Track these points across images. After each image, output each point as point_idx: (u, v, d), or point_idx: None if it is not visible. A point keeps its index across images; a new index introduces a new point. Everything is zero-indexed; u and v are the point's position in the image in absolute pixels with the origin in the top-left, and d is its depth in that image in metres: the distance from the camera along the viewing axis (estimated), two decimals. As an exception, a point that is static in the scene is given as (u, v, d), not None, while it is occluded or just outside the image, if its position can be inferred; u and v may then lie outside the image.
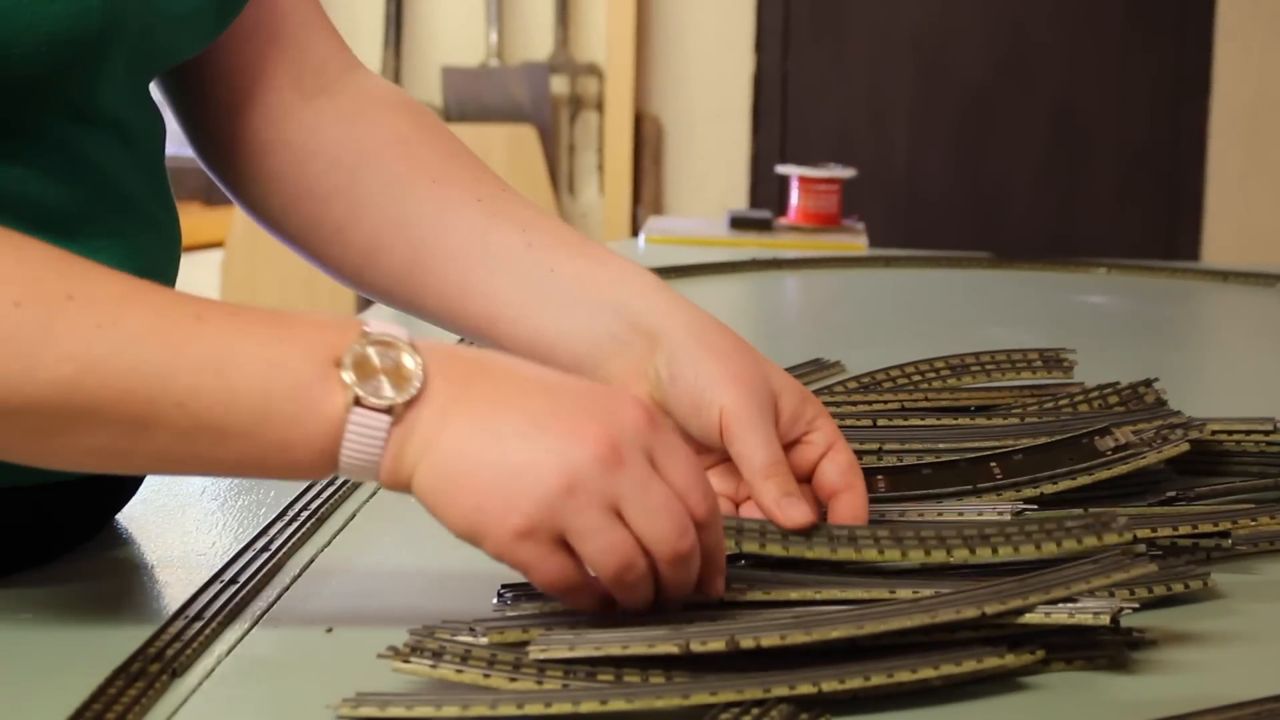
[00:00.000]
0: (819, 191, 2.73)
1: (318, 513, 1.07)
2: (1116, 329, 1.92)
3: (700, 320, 1.00)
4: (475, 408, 0.82)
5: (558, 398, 0.82)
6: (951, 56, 4.42)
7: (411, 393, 0.81)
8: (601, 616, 0.84)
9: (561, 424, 0.81)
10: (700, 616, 0.84)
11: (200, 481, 1.15)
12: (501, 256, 1.04)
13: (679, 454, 0.84)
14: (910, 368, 1.38)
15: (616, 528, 0.81)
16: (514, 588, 0.92)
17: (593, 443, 0.81)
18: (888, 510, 1.03)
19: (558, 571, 0.82)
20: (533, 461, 0.80)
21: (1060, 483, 1.07)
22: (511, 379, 0.83)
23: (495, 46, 4.53)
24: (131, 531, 1.05)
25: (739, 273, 2.23)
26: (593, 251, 1.04)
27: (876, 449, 1.16)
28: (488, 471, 0.80)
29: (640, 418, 0.83)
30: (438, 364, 0.82)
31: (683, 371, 0.98)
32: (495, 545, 0.81)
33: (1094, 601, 0.84)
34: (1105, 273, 2.27)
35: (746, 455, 0.96)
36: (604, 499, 0.81)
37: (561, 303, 1.02)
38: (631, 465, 0.81)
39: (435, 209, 1.05)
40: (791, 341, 1.83)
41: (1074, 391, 1.30)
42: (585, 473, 0.80)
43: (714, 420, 0.97)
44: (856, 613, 0.82)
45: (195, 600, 0.90)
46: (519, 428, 0.81)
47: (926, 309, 2.08)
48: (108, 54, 0.92)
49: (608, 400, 0.83)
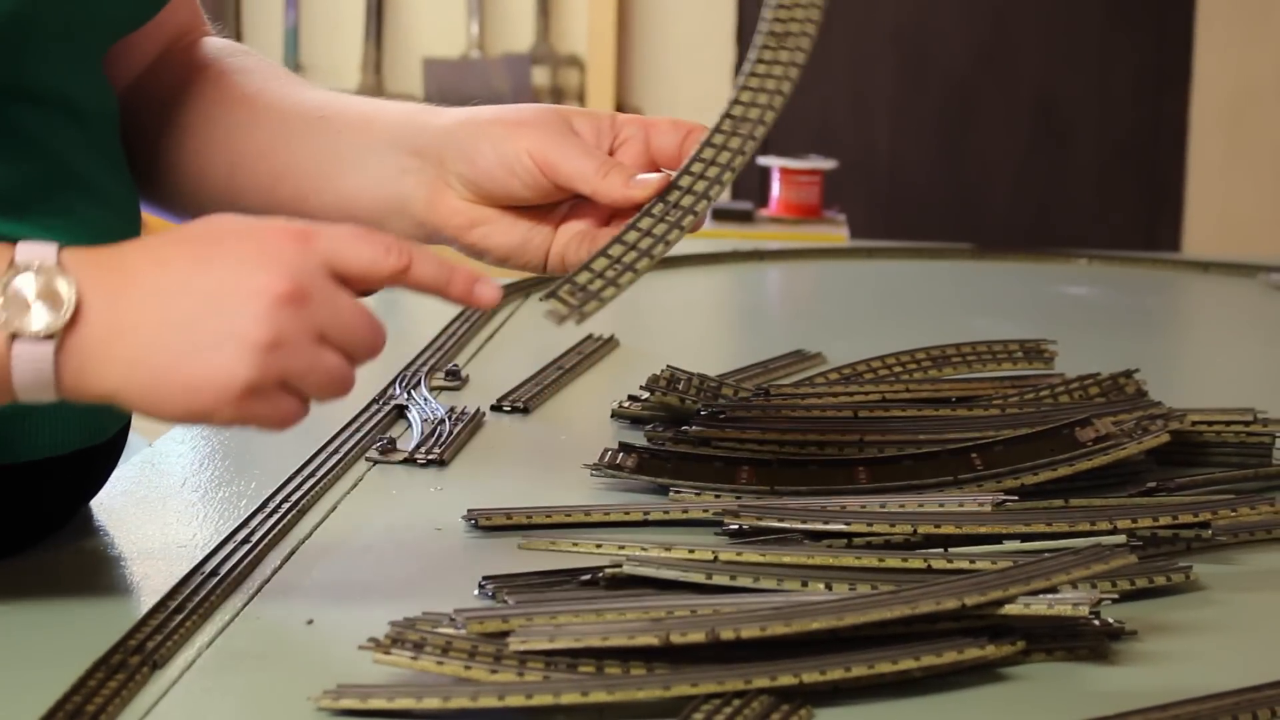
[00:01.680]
0: (800, 183, 2.73)
1: (299, 504, 1.06)
2: (1097, 320, 1.92)
3: (464, 111, 1.05)
4: (144, 311, 0.83)
5: (218, 265, 0.84)
6: (932, 48, 4.42)
7: (67, 316, 0.82)
8: (581, 607, 0.84)
9: (235, 288, 0.83)
10: (680, 607, 0.84)
11: (180, 472, 1.15)
12: (300, 135, 1.08)
13: (343, 241, 0.86)
14: (891, 359, 1.38)
15: (326, 354, 0.84)
16: (495, 579, 0.92)
17: (276, 289, 0.83)
18: (868, 502, 1.03)
19: (288, 412, 0.85)
20: (229, 329, 0.82)
21: (1041, 474, 1.07)
22: (162, 267, 0.84)
23: (476, 38, 4.52)
24: (110, 523, 1.05)
25: (720, 264, 2.23)
26: (372, 103, 1.09)
27: (857, 440, 1.16)
28: (188, 358, 0.82)
29: (297, 241, 0.85)
30: (91, 277, 0.83)
31: (476, 152, 1.02)
32: (225, 415, 0.83)
33: (1074, 593, 0.84)
34: (1086, 263, 2.27)
35: (575, 171, 1.01)
36: (308, 335, 0.84)
37: (350, 159, 1.06)
38: (316, 292, 0.84)
39: (246, 118, 1.09)
40: (773, 333, 1.83)
41: (1055, 382, 1.30)
42: (283, 318, 0.83)
43: (530, 166, 1.01)
44: (837, 604, 0.82)
45: (176, 592, 0.90)
46: (198, 308, 0.83)
47: (908, 300, 2.08)
48: (35, 25, 0.92)
49: (263, 242, 0.85)
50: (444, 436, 1.22)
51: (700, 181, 1.00)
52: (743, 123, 1.00)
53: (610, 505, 1.07)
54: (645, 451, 1.15)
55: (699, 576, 0.89)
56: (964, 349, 1.37)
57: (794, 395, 1.29)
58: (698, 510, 1.05)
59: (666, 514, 1.05)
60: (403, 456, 1.19)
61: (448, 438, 1.22)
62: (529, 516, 1.05)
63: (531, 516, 1.05)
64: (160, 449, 1.20)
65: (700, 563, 0.92)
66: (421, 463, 1.18)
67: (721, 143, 1.01)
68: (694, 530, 1.04)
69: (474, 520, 1.04)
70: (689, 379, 1.28)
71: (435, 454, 1.18)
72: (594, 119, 1.05)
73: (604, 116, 1.05)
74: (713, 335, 1.97)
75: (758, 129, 1.01)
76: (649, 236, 0.99)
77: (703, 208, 1.00)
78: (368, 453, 1.19)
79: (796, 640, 0.80)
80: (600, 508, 1.06)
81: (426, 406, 1.30)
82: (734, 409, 1.22)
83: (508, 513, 1.05)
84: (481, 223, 1.05)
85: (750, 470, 1.12)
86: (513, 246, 1.05)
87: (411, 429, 1.26)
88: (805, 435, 1.16)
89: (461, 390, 1.40)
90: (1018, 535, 0.98)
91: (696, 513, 1.05)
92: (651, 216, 1.00)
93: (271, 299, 0.83)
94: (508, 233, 1.05)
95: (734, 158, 1.00)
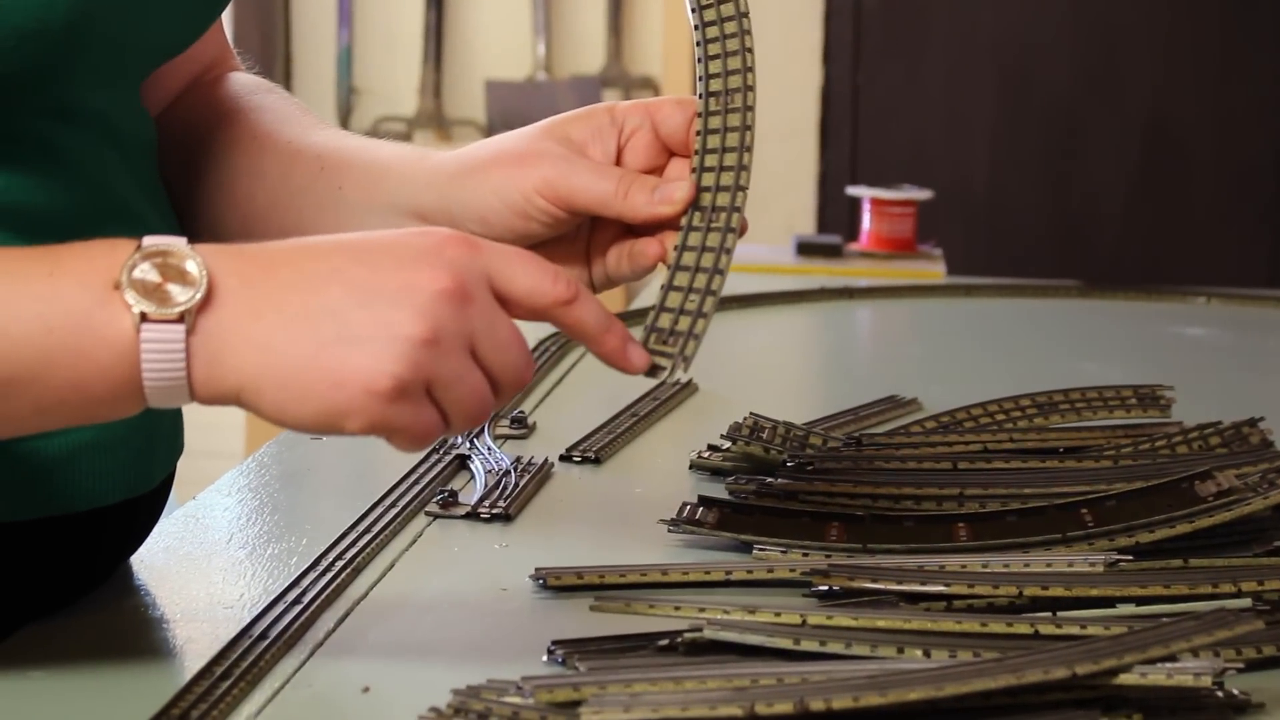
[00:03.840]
0: (893, 214, 2.72)
1: (354, 562, 1.07)
2: (1218, 363, 1.91)
3: (460, 156, 1.04)
4: (287, 295, 0.83)
5: (373, 258, 0.84)
6: (1036, 68, 4.41)
7: (200, 293, 0.81)
8: (658, 674, 0.84)
9: (393, 278, 0.83)
10: (766, 675, 0.84)
11: (226, 527, 1.16)
12: (301, 188, 1.08)
13: (512, 259, 0.86)
14: (993, 406, 1.37)
15: (475, 370, 0.84)
16: (565, 644, 0.92)
17: (436, 285, 0.83)
18: (969, 562, 1.02)
19: (429, 424, 0.84)
20: (384, 320, 0.82)
21: (1157, 531, 1.06)
22: (311, 257, 0.84)
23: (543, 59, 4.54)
24: (152, 582, 1.06)
25: (806, 302, 2.23)
26: (370, 155, 1.08)
27: (957, 494, 1.16)
28: (335, 348, 0.82)
29: (464, 246, 0.85)
30: (226, 264, 0.83)
31: (485, 208, 1.02)
32: (365, 418, 0.82)
33: (1195, 661, 0.83)
34: (1205, 302, 2.26)
35: (593, 199, 1.01)
36: (463, 340, 0.83)
37: (352, 220, 1.06)
38: (478, 298, 0.84)
39: (254, 165, 1.10)
40: (864, 377, 1.82)
41: (1172, 431, 1.29)
42: (443, 315, 0.82)
43: (544, 206, 1.01)
44: (936, 672, 0.82)
45: (222, 657, 0.91)
46: (350, 296, 0.82)
47: (1010, 342, 2.07)
48: (82, 45, 0.93)
49: (426, 242, 0.85)
50: (509, 489, 1.23)
51: (724, 174, 1.01)
52: (727, 95, 1.02)
53: (689, 564, 1.07)
54: (727, 506, 1.15)
55: (786, 642, 0.89)
56: (1072, 395, 1.36)
57: (888, 445, 1.29)
58: (784, 570, 1.05)
59: (750, 574, 1.05)
60: (465, 510, 1.19)
61: (513, 490, 1.22)
62: (601, 576, 1.04)
63: (604, 576, 1.05)
64: (204, 502, 1.20)
65: (787, 626, 0.91)
66: (485, 517, 1.18)
67: (720, 125, 1.02)
68: (780, 591, 1.04)
69: (542, 580, 1.04)
70: (774, 427, 1.28)
71: (500, 508, 1.19)
72: (591, 119, 1.05)
73: (601, 113, 1.05)
74: (799, 380, 1.96)
75: (747, 95, 1.02)
76: (706, 252, 0.99)
77: (742, 200, 1.01)
78: (427, 506, 1.19)
79: (892, 712, 0.80)
80: (678, 567, 1.06)
81: (490, 457, 1.30)
82: (823, 460, 1.22)
83: (578, 572, 1.05)
84: None
85: (841, 527, 1.12)
86: None
87: (475, 481, 1.27)
88: (900, 489, 1.16)
89: (528, 439, 1.40)
90: (1133, 598, 0.97)
91: (783, 572, 1.05)
92: (696, 230, 1.01)
93: (433, 293, 0.82)
94: None
95: (743, 135, 1.02)
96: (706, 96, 1.03)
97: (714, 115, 1.03)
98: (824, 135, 4.50)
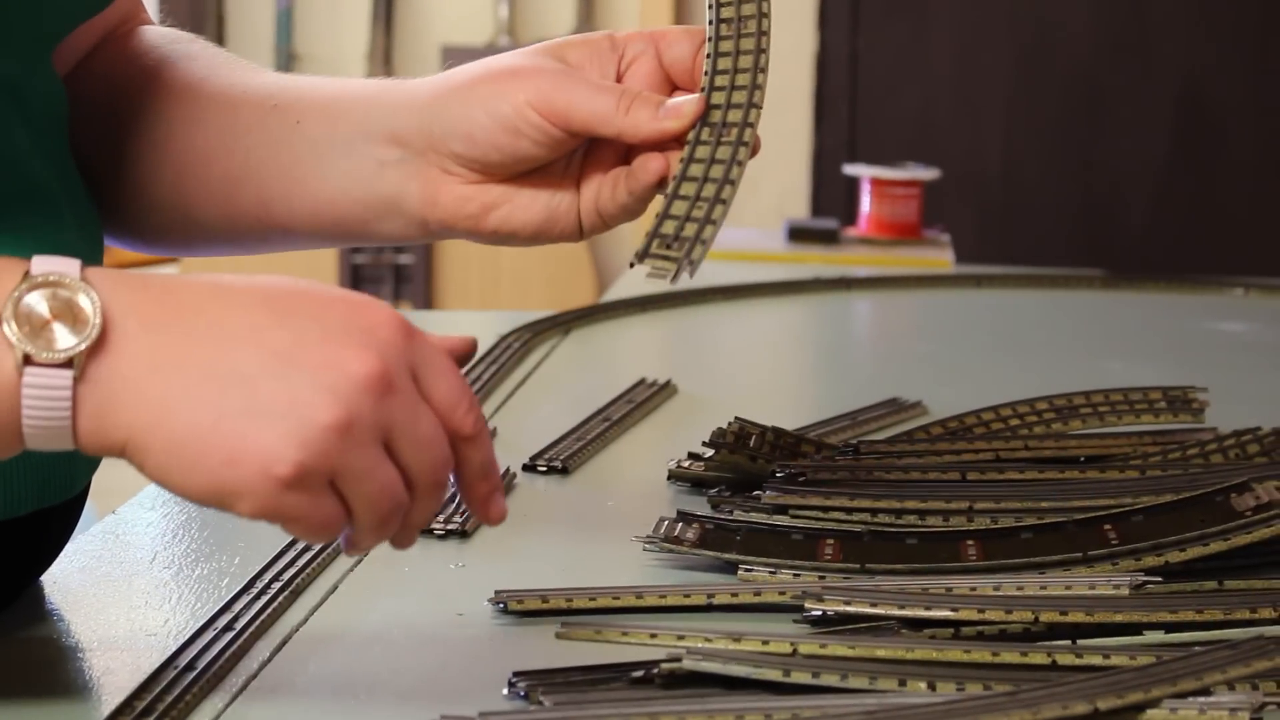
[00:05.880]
0: (895, 196, 2.73)
1: (292, 584, 1.07)
2: (1257, 363, 1.91)
3: (440, 79, 1.05)
4: (192, 349, 0.82)
5: (298, 322, 0.83)
6: (1056, 33, 4.42)
7: (91, 337, 0.80)
8: (632, 710, 0.84)
9: (316, 353, 0.82)
10: (752, 710, 0.84)
11: (150, 545, 1.16)
12: (252, 130, 1.09)
13: (439, 364, 0.86)
14: (1006, 410, 1.38)
15: (387, 465, 0.83)
16: (528, 675, 0.92)
17: (361, 369, 0.82)
18: (979, 584, 1.02)
19: (329, 518, 0.83)
20: (297, 400, 0.81)
21: (1189, 549, 1.06)
22: (228, 306, 0.83)
23: (506, 22, 4.55)
24: (65, 606, 1.05)
25: (799, 294, 2.23)
26: (333, 87, 1.09)
27: (966, 508, 1.16)
28: (236, 420, 0.81)
29: (397, 330, 0.85)
30: (125, 299, 0.82)
31: (470, 124, 1.03)
32: (256, 502, 0.82)
33: (1231, 695, 0.84)
34: (1242, 294, 2.27)
35: (591, 113, 1.02)
36: (378, 432, 0.83)
37: (314, 156, 1.07)
38: (401, 390, 0.83)
39: (189, 113, 1.10)
40: (862, 378, 1.83)
41: (1205, 439, 1.29)
42: (362, 403, 0.82)
43: (537, 121, 1.02)
44: (942, 707, 0.82)
45: (144, 691, 0.90)
46: (264, 364, 0.82)
47: (1025, 338, 2.07)
48: None
49: (357, 315, 0.84)
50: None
51: (737, 92, 1.02)
52: (740, 22, 1.04)
53: (667, 587, 1.07)
54: (709, 521, 1.15)
55: (774, 673, 0.89)
56: (1095, 398, 1.37)
57: (889, 453, 1.29)
58: (773, 593, 1.05)
59: (735, 597, 1.05)
60: (417, 526, 1.19)
61: (471, 504, 1.22)
62: (569, 600, 1.05)
63: (572, 600, 1.05)
64: (126, 516, 1.20)
65: (776, 656, 0.92)
66: (439, 534, 1.18)
67: (732, 49, 1.03)
68: (768, 617, 1.04)
69: (502, 604, 1.04)
70: (761, 434, 1.28)
71: (456, 523, 1.19)
72: (590, 45, 1.06)
73: (600, 39, 1.06)
74: (790, 381, 1.97)
75: (761, 22, 1.05)
76: (715, 164, 1.01)
77: (755, 118, 1.03)
78: (375, 522, 1.19)
79: (893, 752, 0.80)
80: (655, 589, 1.06)
81: (445, 466, 1.30)
82: (816, 470, 1.22)
83: (543, 595, 1.05)
84: (496, 204, 1.06)
85: (836, 544, 1.12)
86: (540, 221, 1.06)
87: (427, 493, 1.26)
88: (903, 502, 1.16)
89: (487, 446, 1.40)
90: (1161, 624, 0.98)
91: (771, 595, 1.05)
92: (705, 144, 1.03)
93: (356, 377, 0.82)
94: (529, 207, 1.06)
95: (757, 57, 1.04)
96: (717, 23, 1.05)
97: (725, 40, 1.05)
98: (818, 107, 4.50)
